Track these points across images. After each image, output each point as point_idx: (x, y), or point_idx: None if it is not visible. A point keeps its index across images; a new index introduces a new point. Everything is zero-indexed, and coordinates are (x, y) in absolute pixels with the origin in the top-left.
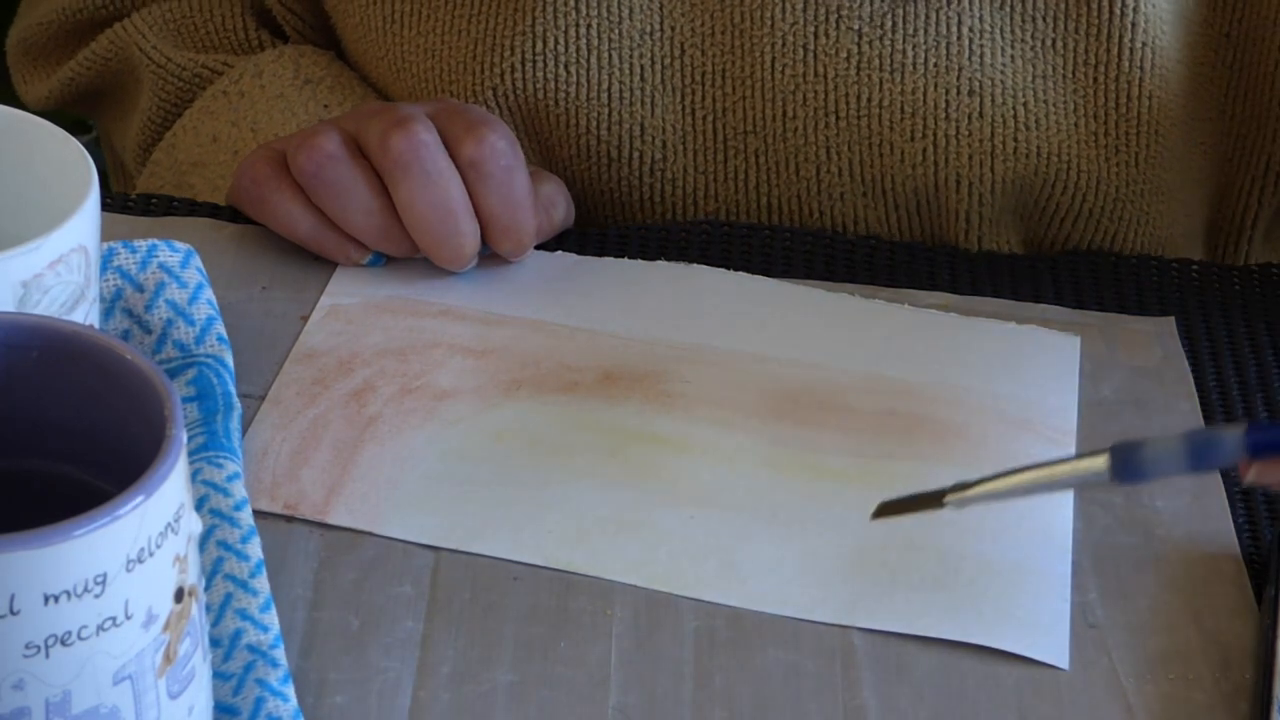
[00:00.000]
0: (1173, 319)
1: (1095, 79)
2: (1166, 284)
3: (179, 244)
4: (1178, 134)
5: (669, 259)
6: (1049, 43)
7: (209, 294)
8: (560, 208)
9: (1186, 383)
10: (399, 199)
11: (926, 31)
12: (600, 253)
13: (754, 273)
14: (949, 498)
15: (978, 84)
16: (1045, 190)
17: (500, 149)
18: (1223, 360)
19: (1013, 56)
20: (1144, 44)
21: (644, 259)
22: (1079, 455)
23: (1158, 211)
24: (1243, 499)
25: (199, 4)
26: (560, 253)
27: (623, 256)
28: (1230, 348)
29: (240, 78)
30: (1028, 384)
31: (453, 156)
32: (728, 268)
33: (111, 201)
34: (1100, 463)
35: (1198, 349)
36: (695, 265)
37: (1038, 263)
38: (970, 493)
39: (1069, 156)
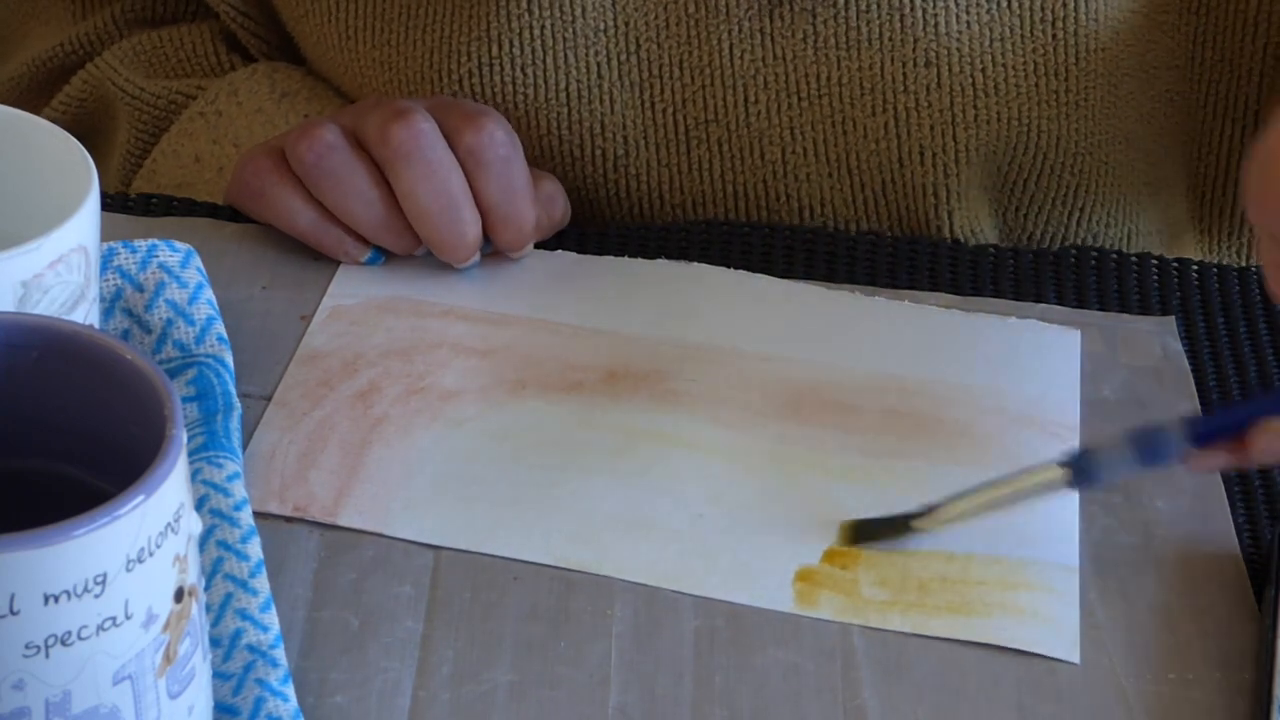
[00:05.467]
0: (1173, 319)
1: (1054, 35)
2: (1166, 284)
3: (179, 244)
4: (1133, 83)
5: (669, 259)
6: (1005, 4)
7: (209, 294)
8: (559, 205)
9: (1186, 383)
10: (400, 189)
11: (879, 6)
12: (600, 252)
13: (754, 272)
14: (916, 523)
15: (934, 54)
16: (1008, 154)
17: (499, 138)
18: (1223, 360)
19: (969, 23)
20: None
21: (644, 258)
22: (1035, 468)
23: (1118, 162)
24: (1243, 499)
25: (169, 34)
26: (561, 252)
27: (623, 256)
28: (1230, 348)
29: (216, 98)
30: (1030, 380)
31: (452, 147)
32: (728, 267)
33: (111, 201)
34: (1056, 474)
35: (1198, 349)
36: (697, 264)
37: (1039, 261)
38: (937, 514)
39: (1029, 118)
